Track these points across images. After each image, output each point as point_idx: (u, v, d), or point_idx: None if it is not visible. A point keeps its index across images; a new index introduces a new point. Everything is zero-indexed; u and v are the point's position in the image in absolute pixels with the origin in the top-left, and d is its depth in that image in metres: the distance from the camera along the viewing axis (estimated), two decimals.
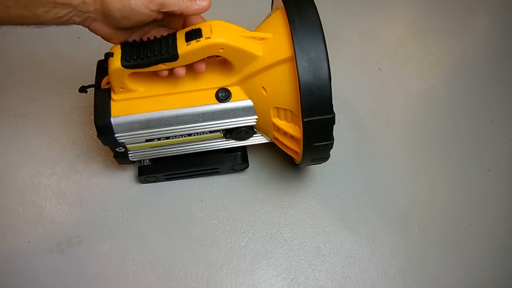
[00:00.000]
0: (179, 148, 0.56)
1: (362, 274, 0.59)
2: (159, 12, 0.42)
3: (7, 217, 0.57)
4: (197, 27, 0.44)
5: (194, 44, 0.43)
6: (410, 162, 0.70)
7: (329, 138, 0.48)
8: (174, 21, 0.46)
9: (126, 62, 0.44)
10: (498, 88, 0.80)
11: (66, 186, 0.61)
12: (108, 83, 0.48)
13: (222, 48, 0.44)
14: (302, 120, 0.45)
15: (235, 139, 0.55)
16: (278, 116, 0.50)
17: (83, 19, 0.41)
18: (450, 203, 0.66)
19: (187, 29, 0.45)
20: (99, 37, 0.44)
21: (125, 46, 0.45)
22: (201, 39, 0.43)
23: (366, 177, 0.67)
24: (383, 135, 0.72)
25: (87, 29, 0.43)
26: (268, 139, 0.56)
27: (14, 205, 0.58)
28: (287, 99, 0.47)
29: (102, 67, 0.49)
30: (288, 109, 0.48)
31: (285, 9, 0.46)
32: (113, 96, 0.49)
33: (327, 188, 0.65)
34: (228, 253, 0.58)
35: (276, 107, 0.49)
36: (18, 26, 0.40)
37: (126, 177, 0.62)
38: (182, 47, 0.44)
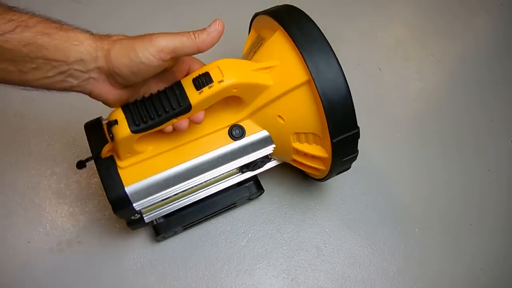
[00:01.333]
0: (195, 196, 0.51)
1: (362, 274, 0.59)
2: (171, 59, 0.37)
3: (7, 217, 0.57)
4: (203, 71, 0.40)
5: (207, 91, 0.39)
6: (410, 162, 0.70)
7: (355, 151, 0.48)
8: (177, 71, 0.42)
9: (136, 127, 0.39)
10: (498, 88, 0.80)
11: (66, 186, 0.61)
12: (110, 150, 0.43)
13: (235, 88, 0.41)
14: (332, 141, 0.44)
15: (252, 171, 0.53)
16: (299, 140, 0.48)
17: (82, 81, 0.36)
18: (450, 203, 0.66)
19: (193, 75, 0.40)
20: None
21: (127, 109, 0.39)
22: (213, 84, 0.40)
23: (366, 177, 0.67)
24: (383, 135, 0.72)
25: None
26: (280, 161, 0.55)
27: (14, 205, 0.58)
28: (308, 123, 0.45)
29: (93, 133, 0.44)
30: (310, 132, 0.47)
31: (288, 33, 0.44)
32: (119, 163, 0.43)
33: (327, 188, 0.65)
34: (228, 253, 0.58)
35: (296, 133, 0.48)
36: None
37: None
38: (194, 96, 0.40)
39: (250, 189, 0.57)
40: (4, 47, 0.31)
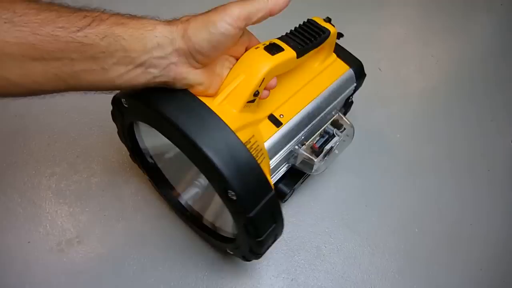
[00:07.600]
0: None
1: (362, 274, 0.59)
2: (245, 26, 0.38)
3: (7, 217, 0.57)
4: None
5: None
6: (410, 162, 0.70)
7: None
8: (240, 45, 0.42)
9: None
10: (498, 88, 0.80)
11: (66, 186, 0.61)
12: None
13: None
14: None
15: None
16: None
17: (163, 70, 0.35)
18: (450, 203, 0.66)
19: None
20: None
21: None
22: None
23: (366, 177, 0.67)
24: (383, 135, 0.72)
25: None
26: None
27: (14, 205, 0.58)
28: None
29: None
30: None
31: None
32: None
33: (327, 188, 0.65)
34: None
35: None
36: None
37: (125, 177, 0.62)
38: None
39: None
40: (84, 43, 0.31)
